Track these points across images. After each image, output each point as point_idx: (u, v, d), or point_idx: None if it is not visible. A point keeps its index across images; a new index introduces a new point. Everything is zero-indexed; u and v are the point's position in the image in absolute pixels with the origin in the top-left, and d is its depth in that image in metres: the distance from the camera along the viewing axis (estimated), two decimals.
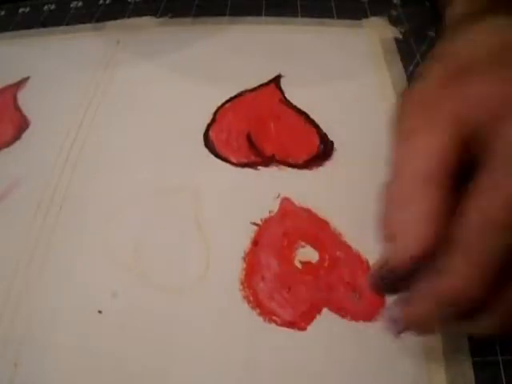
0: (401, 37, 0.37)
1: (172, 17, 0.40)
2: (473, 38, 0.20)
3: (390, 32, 0.37)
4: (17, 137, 0.32)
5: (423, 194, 0.17)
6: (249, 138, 0.30)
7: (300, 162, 0.29)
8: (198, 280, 0.24)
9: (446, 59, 0.20)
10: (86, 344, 0.22)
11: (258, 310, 0.23)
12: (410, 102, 0.20)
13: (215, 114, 0.32)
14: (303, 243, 0.25)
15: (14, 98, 0.35)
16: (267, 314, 0.23)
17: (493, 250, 0.17)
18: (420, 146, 0.18)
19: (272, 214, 0.26)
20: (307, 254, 0.25)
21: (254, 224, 0.26)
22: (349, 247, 0.25)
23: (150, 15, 0.41)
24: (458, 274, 0.17)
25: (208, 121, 0.31)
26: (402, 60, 0.34)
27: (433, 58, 0.21)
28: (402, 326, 0.19)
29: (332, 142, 0.29)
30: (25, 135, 0.32)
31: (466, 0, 0.27)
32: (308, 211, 0.26)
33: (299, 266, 0.24)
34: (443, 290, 0.17)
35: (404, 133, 0.19)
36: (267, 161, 0.29)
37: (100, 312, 0.23)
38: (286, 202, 0.27)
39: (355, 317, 0.22)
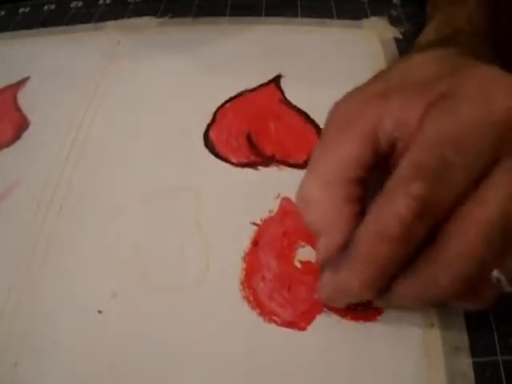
0: (401, 37, 0.37)
1: (172, 17, 0.40)
2: (410, 65, 0.22)
3: (390, 32, 0.37)
4: (17, 137, 0.32)
5: (326, 195, 0.20)
6: (249, 138, 0.30)
7: (300, 162, 0.29)
8: (198, 280, 0.24)
9: (378, 80, 0.22)
10: (86, 344, 0.22)
11: (258, 310, 0.23)
12: (335, 116, 0.22)
13: (215, 114, 0.32)
14: (303, 243, 0.25)
15: (14, 98, 0.35)
16: (267, 314, 0.23)
17: (379, 260, 0.18)
18: (330, 154, 0.20)
19: (272, 214, 0.26)
20: (307, 254, 0.25)
21: (254, 224, 0.26)
22: None
23: (150, 15, 0.41)
24: (353, 276, 0.19)
25: (208, 121, 0.31)
26: None
27: (377, 74, 0.23)
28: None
29: None
30: (25, 135, 0.32)
31: (435, 27, 0.28)
32: None
33: (299, 265, 0.24)
34: (340, 284, 0.20)
35: (322, 141, 0.21)
36: (267, 161, 0.29)
37: (100, 312, 0.23)
38: (285, 202, 0.27)
39: (355, 317, 0.22)
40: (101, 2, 0.43)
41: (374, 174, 0.21)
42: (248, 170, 0.29)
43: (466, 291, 0.19)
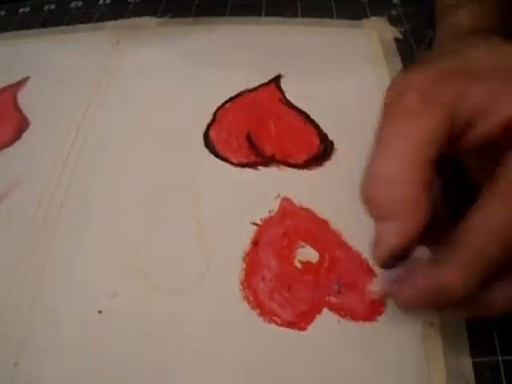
0: (401, 37, 0.37)
1: (172, 17, 0.40)
2: (492, 52, 0.20)
3: (390, 32, 0.37)
4: (17, 137, 0.32)
5: (408, 174, 0.18)
6: (249, 138, 0.30)
7: (300, 161, 0.29)
8: (197, 280, 0.24)
9: (450, 57, 0.20)
10: (86, 344, 0.22)
11: (258, 310, 0.23)
12: (410, 86, 0.20)
13: (215, 114, 0.32)
14: (303, 243, 0.25)
15: (14, 98, 0.35)
16: (267, 314, 0.23)
17: (492, 260, 0.17)
18: (414, 127, 0.18)
19: (272, 214, 0.26)
20: (307, 254, 0.25)
21: (254, 224, 0.26)
22: (349, 247, 0.25)
23: (150, 15, 0.41)
24: (455, 272, 0.18)
25: (208, 121, 0.31)
26: (402, 60, 0.34)
27: (436, 55, 0.22)
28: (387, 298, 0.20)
29: (332, 142, 0.29)
30: (25, 135, 0.32)
31: (472, 14, 0.27)
32: (308, 211, 0.26)
33: (299, 265, 0.24)
34: (438, 281, 0.18)
35: (398, 111, 0.19)
36: (267, 161, 0.29)
37: (100, 312, 0.23)
38: (285, 202, 0.27)
39: (355, 317, 0.22)
40: (101, 1, 0.43)
41: None
42: (248, 170, 0.29)
43: None
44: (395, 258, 0.19)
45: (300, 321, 0.22)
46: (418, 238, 0.18)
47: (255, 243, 0.25)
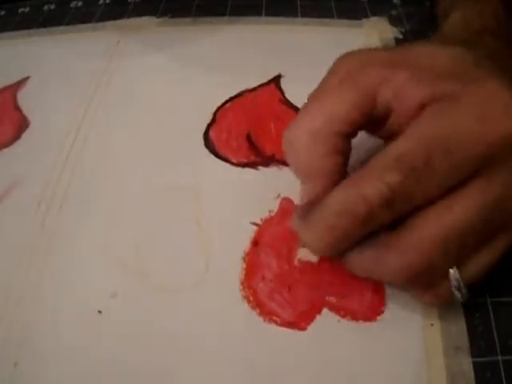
0: (401, 37, 0.36)
1: (172, 17, 0.40)
2: (433, 52, 0.22)
3: (390, 32, 0.37)
4: (17, 137, 0.32)
5: (313, 143, 0.21)
6: (249, 138, 0.30)
7: None
8: (198, 280, 0.24)
9: (394, 50, 0.23)
10: (86, 344, 0.22)
11: (258, 310, 0.23)
12: (342, 65, 0.22)
13: (215, 114, 0.32)
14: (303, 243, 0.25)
15: (14, 98, 0.35)
16: (267, 314, 0.23)
17: (337, 230, 0.19)
18: (327, 105, 0.21)
19: (272, 214, 0.26)
20: (307, 253, 0.24)
21: (254, 224, 0.26)
22: None
23: (150, 15, 0.41)
24: (312, 232, 0.20)
25: (208, 121, 0.31)
26: None
27: (392, 47, 0.24)
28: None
29: None
30: (25, 135, 0.32)
31: (463, 16, 0.28)
32: None
33: (299, 266, 0.24)
34: (302, 234, 0.21)
35: (319, 89, 0.22)
36: (267, 161, 0.29)
37: (100, 312, 0.23)
38: (285, 202, 0.27)
39: (355, 317, 0.22)
40: (101, 1, 0.43)
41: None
42: (248, 170, 0.29)
43: (415, 282, 0.20)
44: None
45: (300, 321, 0.22)
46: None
47: (255, 243, 0.25)
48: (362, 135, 0.22)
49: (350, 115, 0.20)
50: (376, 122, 0.21)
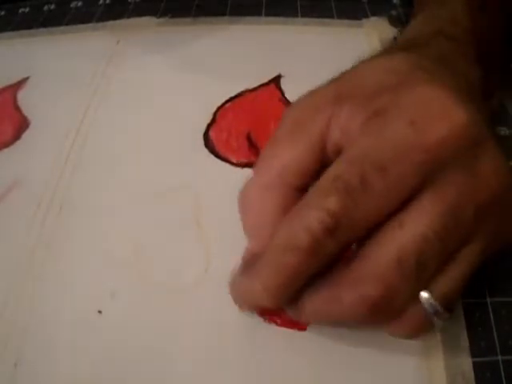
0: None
1: (172, 17, 0.40)
2: (366, 70, 0.21)
3: (390, 32, 0.37)
4: (17, 137, 0.32)
5: (261, 200, 0.20)
6: (249, 138, 0.30)
7: None
8: (197, 280, 0.24)
9: (334, 83, 0.21)
10: (86, 344, 0.22)
11: (258, 310, 0.23)
12: (286, 120, 0.21)
13: (215, 114, 0.32)
14: None
15: (14, 98, 0.35)
16: (267, 314, 0.23)
17: (284, 269, 0.18)
18: (278, 157, 0.20)
19: None
20: None
21: None
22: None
23: (150, 15, 0.41)
24: (258, 282, 0.19)
25: (208, 121, 0.31)
26: None
27: (335, 76, 0.22)
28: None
29: None
30: (25, 135, 0.32)
31: (414, 27, 0.27)
32: None
33: None
34: (245, 288, 0.20)
35: (269, 144, 0.21)
36: None
37: (100, 312, 0.23)
38: None
39: None
40: (101, 1, 0.43)
41: None
42: (248, 170, 0.29)
43: (379, 315, 0.18)
44: None
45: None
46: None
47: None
48: None
49: (302, 165, 0.19)
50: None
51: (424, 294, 0.18)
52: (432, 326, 0.19)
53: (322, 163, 0.19)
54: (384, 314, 0.18)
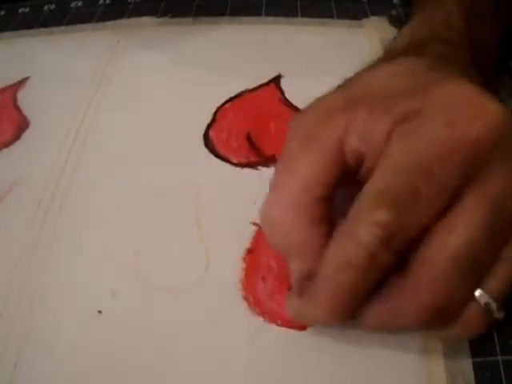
0: None
1: (172, 17, 0.40)
2: (378, 76, 0.21)
3: (390, 32, 0.37)
4: (17, 137, 0.32)
5: (292, 217, 0.19)
6: (249, 138, 0.30)
7: None
8: (198, 280, 0.24)
9: (342, 90, 0.21)
10: (86, 344, 0.22)
11: (258, 310, 0.23)
12: (296, 132, 0.21)
13: (215, 114, 0.32)
14: None
15: (14, 98, 0.35)
16: (267, 314, 0.23)
17: (344, 289, 0.18)
18: (296, 172, 0.20)
19: None
20: None
21: (254, 224, 0.26)
22: None
23: (150, 15, 0.41)
24: (318, 304, 0.18)
25: (208, 121, 0.31)
26: None
27: (341, 84, 0.22)
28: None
29: None
30: (25, 135, 0.32)
31: (410, 30, 0.27)
32: None
33: None
34: (306, 310, 0.19)
35: (284, 159, 0.20)
36: (267, 161, 0.29)
37: (100, 312, 0.23)
38: None
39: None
40: (101, 1, 0.43)
41: (343, 190, 0.20)
42: (248, 170, 0.29)
43: (440, 319, 0.18)
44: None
45: None
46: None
47: (255, 243, 0.25)
48: None
49: (324, 176, 0.19)
50: (350, 173, 0.20)
51: (479, 293, 0.18)
52: (488, 324, 0.19)
53: (342, 170, 0.19)
54: (446, 316, 0.18)
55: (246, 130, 0.31)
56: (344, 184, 0.20)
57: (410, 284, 0.18)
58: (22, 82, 0.36)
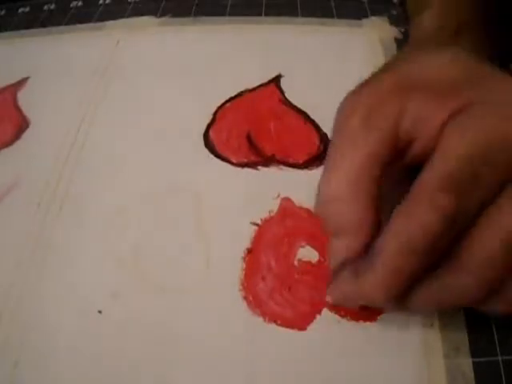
0: (401, 37, 0.36)
1: (172, 16, 0.40)
2: (430, 62, 0.21)
3: (390, 32, 0.37)
4: (17, 137, 0.32)
5: (355, 193, 0.19)
6: (249, 138, 0.30)
7: (300, 161, 0.29)
8: (197, 280, 0.24)
9: (395, 72, 0.21)
10: (86, 344, 0.22)
11: (258, 310, 0.23)
12: (357, 102, 0.21)
13: (215, 114, 0.32)
14: (303, 243, 0.25)
15: (14, 98, 0.35)
16: (267, 314, 0.23)
17: (405, 272, 0.18)
18: (358, 151, 0.19)
19: (272, 214, 0.26)
20: (307, 253, 0.25)
21: (254, 224, 0.26)
22: None
23: (150, 15, 0.41)
24: (374, 284, 0.19)
25: (208, 121, 0.31)
26: None
27: (389, 66, 0.22)
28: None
29: None
30: (25, 135, 0.32)
31: (437, 14, 0.28)
32: (308, 211, 0.26)
33: (299, 265, 0.24)
34: (361, 291, 0.19)
35: (342, 136, 0.21)
36: (267, 161, 0.29)
37: (100, 312, 0.23)
38: (285, 202, 0.27)
39: (355, 317, 0.22)
40: (101, 1, 0.43)
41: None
42: (248, 170, 0.29)
43: (492, 295, 0.19)
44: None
45: (300, 321, 0.22)
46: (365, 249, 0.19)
47: (255, 243, 0.25)
48: None
49: (385, 155, 0.19)
50: (397, 155, 0.20)
51: None
52: None
53: (394, 153, 0.20)
54: (495, 293, 0.19)
55: (245, 130, 0.31)
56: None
57: (468, 263, 0.18)
58: (22, 81, 0.36)
